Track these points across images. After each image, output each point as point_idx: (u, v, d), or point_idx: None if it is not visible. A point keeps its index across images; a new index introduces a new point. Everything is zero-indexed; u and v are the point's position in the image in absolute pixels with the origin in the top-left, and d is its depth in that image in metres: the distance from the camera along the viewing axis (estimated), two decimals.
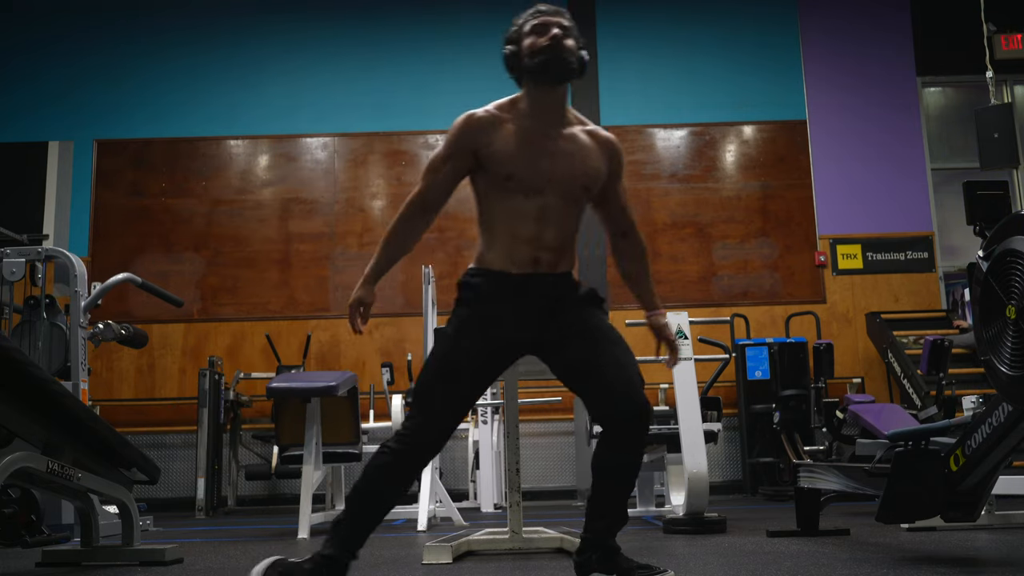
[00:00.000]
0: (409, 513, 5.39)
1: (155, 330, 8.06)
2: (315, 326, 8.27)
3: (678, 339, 2.73)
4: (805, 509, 3.87)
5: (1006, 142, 7.20)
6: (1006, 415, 2.62)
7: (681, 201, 8.65)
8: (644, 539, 4.02)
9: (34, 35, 8.89)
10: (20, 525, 3.20)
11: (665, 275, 8.47)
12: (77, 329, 4.95)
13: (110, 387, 8.17)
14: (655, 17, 9.00)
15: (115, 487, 3.38)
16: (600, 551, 2.44)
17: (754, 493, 7.56)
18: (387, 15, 8.97)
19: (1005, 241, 2.60)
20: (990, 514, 4.01)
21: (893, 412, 5.60)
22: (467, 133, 2.49)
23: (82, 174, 8.62)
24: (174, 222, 8.58)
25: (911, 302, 8.49)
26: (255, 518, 6.55)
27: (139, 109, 8.74)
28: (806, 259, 8.59)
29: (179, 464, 7.88)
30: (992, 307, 2.63)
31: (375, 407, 7.53)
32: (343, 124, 8.74)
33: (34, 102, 8.77)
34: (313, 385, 4.76)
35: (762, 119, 8.84)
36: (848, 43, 8.99)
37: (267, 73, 8.87)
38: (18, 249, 5.04)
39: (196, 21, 8.96)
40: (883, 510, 2.90)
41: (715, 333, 7.11)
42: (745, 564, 2.99)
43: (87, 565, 3.38)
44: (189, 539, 4.69)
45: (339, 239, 8.52)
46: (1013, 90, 9.10)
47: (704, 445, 4.28)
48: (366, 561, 3.41)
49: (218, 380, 7.19)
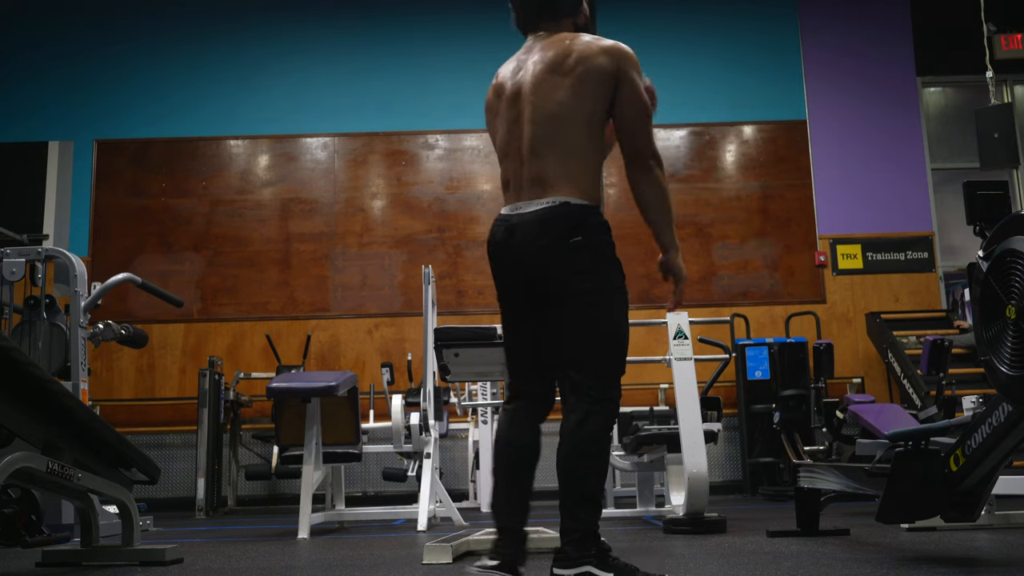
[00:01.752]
0: (409, 513, 5.39)
1: (155, 330, 8.06)
2: (315, 326, 8.27)
3: (678, 287, 2.62)
4: (805, 509, 3.87)
5: (1006, 142, 7.20)
6: (1006, 415, 2.62)
7: (681, 201, 8.64)
8: (644, 539, 4.02)
9: (34, 35, 8.89)
10: (20, 525, 3.20)
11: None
12: (77, 329, 4.95)
13: (110, 387, 8.17)
14: (655, 17, 9.00)
15: (115, 487, 3.39)
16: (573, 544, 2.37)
17: (754, 493, 7.56)
18: (387, 15, 8.97)
19: (1005, 241, 2.60)
20: (990, 514, 4.01)
21: (893, 412, 5.60)
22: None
23: (82, 174, 8.62)
24: (174, 222, 8.58)
25: (911, 302, 8.49)
26: (255, 518, 6.55)
27: (139, 109, 8.74)
28: (806, 259, 8.59)
29: (179, 464, 7.88)
30: (992, 307, 2.63)
31: (375, 407, 7.53)
32: (343, 124, 8.74)
33: (34, 102, 8.77)
34: (313, 385, 4.76)
35: (762, 119, 8.84)
36: (848, 43, 8.99)
37: (267, 73, 8.87)
38: (18, 249, 5.04)
39: (196, 21, 8.96)
40: (883, 510, 2.90)
41: (715, 333, 7.11)
42: (745, 564, 2.99)
43: (87, 565, 3.38)
44: (189, 539, 4.69)
45: (339, 239, 8.52)
46: (1013, 90, 9.10)
47: (704, 445, 4.28)
48: (366, 561, 3.41)
49: (218, 380, 7.19)
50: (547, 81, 2.49)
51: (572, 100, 2.46)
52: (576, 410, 2.39)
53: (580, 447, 2.37)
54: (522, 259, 2.47)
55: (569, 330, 2.42)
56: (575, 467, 2.37)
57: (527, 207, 2.46)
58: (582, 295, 2.41)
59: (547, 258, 2.42)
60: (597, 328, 2.42)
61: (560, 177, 2.45)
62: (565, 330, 2.43)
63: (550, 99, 2.47)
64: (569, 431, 2.38)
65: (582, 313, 2.42)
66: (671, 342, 4.57)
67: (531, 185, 2.48)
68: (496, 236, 2.54)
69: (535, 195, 2.47)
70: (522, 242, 2.45)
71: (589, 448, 2.38)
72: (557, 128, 2.46)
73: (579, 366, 2.41)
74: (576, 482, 2.37)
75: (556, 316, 2.44)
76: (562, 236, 2.40)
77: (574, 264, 2.41)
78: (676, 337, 4.57)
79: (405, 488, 7.14)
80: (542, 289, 2.46)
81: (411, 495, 6.84)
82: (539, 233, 2.43)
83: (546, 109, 2.47)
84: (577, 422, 2.37)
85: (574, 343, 2.42)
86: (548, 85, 2.48)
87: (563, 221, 2.41)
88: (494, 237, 2.54)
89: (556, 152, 2.46)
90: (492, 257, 2.57)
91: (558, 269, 2.42)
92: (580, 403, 2.39)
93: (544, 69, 2.51)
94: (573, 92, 2.46)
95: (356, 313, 8.29)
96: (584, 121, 2.46)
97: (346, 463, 5.40)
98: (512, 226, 2.48)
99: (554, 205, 2.43)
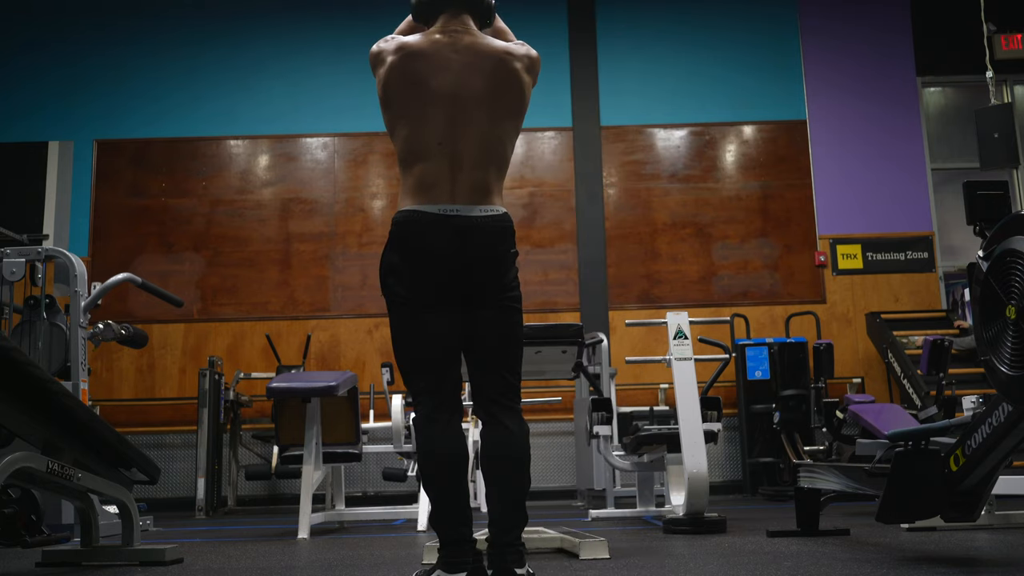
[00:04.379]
0: (409, 513, 5.39)
1: (155, 330, 8.06)
2: (315, 326, 8.27)
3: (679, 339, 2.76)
4: (805, 509, 3.87)
5: (1006, 142, 7.20)
6: (1006, 415, 2.62)
7: (681, 201, 8.64)
8: (644, 539, 4.02)
9: (34, 35, 8.89)
10: (20, 525, 3.20)
11: (665, 275, 8.47)
12: (77, 329, 4.95)
13: (110, 387, 8.17)
14: (655, 17, 9.00)
15: (115, 487, 3.39)
16: (507, 549, 2.44)
17: (754, 493, 7.56)
18: (387, 15, 8.91)
19: (1005, 241, 2.60)
20: (990, 514, 4.01)
21: (893, 412, 5.60)
22: None
23: (82, 174, 8.61)
24: (174, 222, 8.57)
25: (911, 302, 8.49)
26: (255, 518, 6.55)
27: (139, 109, 8.74)
28: (806, 259, 8.58)
29: (179, 464, 7.88)
30: (992, 307, 2.63)
31: (375, 407, 7.53)
32: (343, 124, 8.74)
33: (34, 102, 8.77)
34: (313, 385, 4.76)
35: (762, 119, 8.83)
36: (848, 43, 8.99)
37: (267, 73, 8.86)
38: (18, 249, 5.04)
39: (196, 21, 8.96)
40: (883, 510, 2.90)
41: (715, 333, 7.11)
42: (745, 564, 2.99)
43: (87, 565, 3.38)
44: (189, 539, 4.69)
45: (339, 239, 8.51)
46: (1013, 90, 9.10)
47: (704, 445, 4.29)
48: (366, 561, 3.41)
49: (218, 380, 7.19)
50: (488, 95, 2.56)
51: (512, 117, 2.62)
52: (514, 412, 2.52)
53: (527, 449, 2.52)
54: (472, 263, 2.48)
55: (504, 335, 2.54)
56: (525, 468, 2.51)
57: (469, 211, 2.48)
58: (513, 302, 2.56)
59: (497, 265, 2.51)
60: (520, 335, 2.60)
61: (497, 187, 2.57)
62: (500, 335, 2.53)
63: (495, 112, 2.57)
64: (522, 433, 2.51)
65: (513, 320, 2.55)
66: (671, 342, 4.57)
67: (471, 190, 2.51)
68: (435, 234, 2.46)
69: (476, 200, 2.51)
70: (479, 245, 2.48)
71: (528, 449, 2.53)
72: (498, 141, 2.57)
73: (512, 369, 2.55)
74: (526, 481, 2.51)
75: (490, 320, 2.51)
76: (509, 246, 2.55)
77: (510, 272, 2.55)
78: (676, 337, 4.57)
79: (405, 488, 7.14)
80: (478, 293, 2.51)
81: (411, 495, 6.84)
82: (496, 240, 2.51)
83: (491, 120, 2.56)
84: (519, 424, 2.52)
85: (508, 348, 2.54)
86: (490, 98, 2.56)
87: (509, 232, 2.55)
88: (431, 234, 2.46)
89: (495, 163, 2.57)
90: (425, 254, 2.47)
91: (502, 276, 2.52)
92: (514, 405, 2.53)
93: (484, 82, 2.56)
94: (511, 111, 2.61)
95: (356, 313, 8.29)
96: (515, 133, 2.63)
97: (346, 463, 5.40)
98: (463, 229, 2.47)
99: (499, 215, 2.53)
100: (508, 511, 2.46)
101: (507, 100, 2.59)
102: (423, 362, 2.51)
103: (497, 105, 2.57)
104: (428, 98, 2.54)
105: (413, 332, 2.50)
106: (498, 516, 2.46)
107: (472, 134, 2.53)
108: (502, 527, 2.45)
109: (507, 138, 2.61)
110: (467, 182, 2.50)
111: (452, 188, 2.50)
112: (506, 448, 2.48)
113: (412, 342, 2.51)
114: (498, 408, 2.51)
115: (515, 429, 2.50)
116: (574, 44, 8.87)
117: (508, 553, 2.42)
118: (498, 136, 2.57)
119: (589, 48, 8.87)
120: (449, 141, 2.52)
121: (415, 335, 2.50)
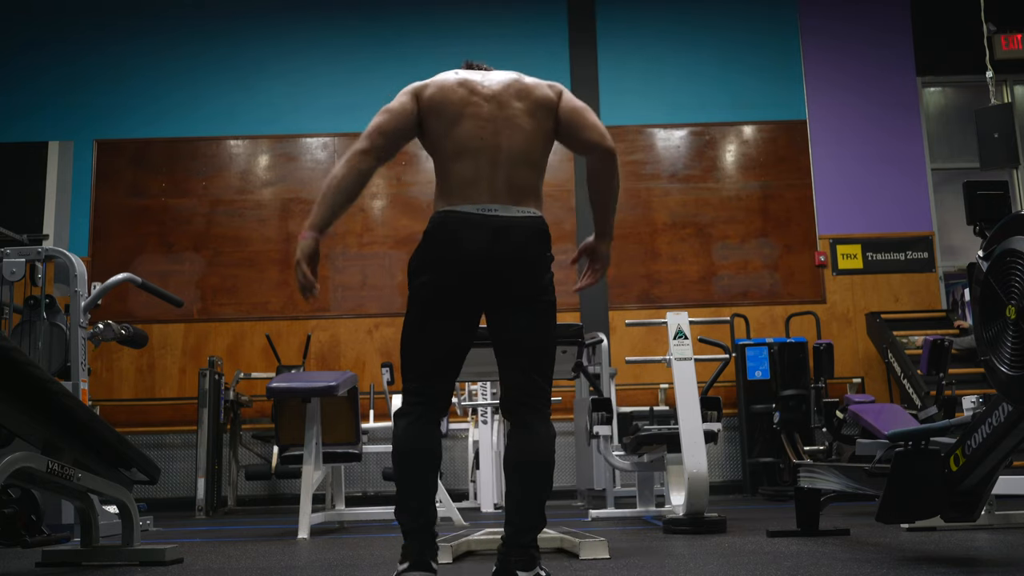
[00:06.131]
0: None
1: (155, 330, 8.06)
2: (315, 326, 8.27)
3: (602, 274, 2.74)
4: (805, 509, 3.87)
5: (1006, 142, 7.20)
6: (1006, 415, 2.62)
7: (681, 201, 8.65)
8: (644, 539, 4.02)
9: (34, 35, 8.89)
10: (20, 525, 3.20)
11: (665, 275, 8.47)
12: (77, 329, 4.95)
13: (110, 387, 8.17)
14: (655, 17, 9.00)
15: (115, 487, 3.39)
16: (518, 551, 2.45)
17: (754, 493, 7.56)
18: (387, 15, 8.96)
19: (1005, 241, 2.60)
20: (990, 514, 4.01)
21: (893, 412, 5.60)
22: None
23: (82, 174, 8.61)
24: (174, 222, 8.57)
25: (911, 302, 8.49)
26: (255, 518, 6.55)
27: (139, 109, 8.74)
28: (806, 259, 8.59)
29: (179, 464, 7.88)
30: (992, 307, 2.63)
31: (375, 407, 7.53)
32: (343, 124, 8.73)
33: (34, 102, 8.77)
34: (313, 385, 4.76)
35: (762, 119, 8.84)
36: (848, 43, 8.99)
37: (267, 73, 8.86)
38: (18, 249, 5.04)
39: (196, 21, 8.95)
40: (883, 510, 2.90)
41: (715, 333, 7.11)
42: (745, 564, 2.99)
43: (87, 565, 3.38)
44: (189, 539, 4.69)
45: (339, 239, 8.51)
46: (1013, 90, 9.10)
47: (704, 445, 4.28)
48: (366, 561, 3.41)
49: (218, 380, 7.19)
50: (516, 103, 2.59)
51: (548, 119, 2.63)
52: (542, 415, 2.51)
53: (552, 452, 2.50)
54: (505, 263, 2.46)
55: (537, 338, 2.52)
56: (550, 472, 2.50)
57: (506, 211, 2.48)
58: (548, 306, 2.54)
59: (530, 268, 2.50)
60: (553, 339, 2.58)
61: (535, 190, 2.56)
62: (533, 337, 2.51)
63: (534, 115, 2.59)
64: (549, 436, 2.50)
65: (547, 323, 2.54)
66: (671, 342, 4.57)
67: (508, 190, 2.50)
68: (470, 233, 2.45)
69: (514, 201, 2.50)
70: (514, 245, 2.46)
71: (553, 453, 2.52)
72: (532, 142, 2.57)
73: (543, 373, 2.52)
74: (549, 485, 2.49)
75: (523, 323, 2.50)
76: (545, 249, 2.53)
77: (545, 276, 2.53)
78: (676, 337, 4.57)
79: None
80: (510, 294, 2.49)
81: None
82: (531, 242, 2.49)
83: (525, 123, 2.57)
84: (547, 428, 2.50)
85: (540, 351, 2.53)
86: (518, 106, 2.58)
87: (545, 235, 2.54)
88: (466, 233, 2.46)
89: (530, 165, 2.56)
90: (456, 252, 2.46)
91: (537, 279, 2.51)
92: (543, 408, 2.52)
93: (512, 92, 2.60)
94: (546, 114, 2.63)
95: (356, 313, 8.29)
96: (552, 138, 2.64)
97: (346, 463, 5.40)
98: (498, 229, 2.45)
99: (536, 217, 2.52)
100: (526, 512, 2.46)
101: (542, 105, 2.62)
102: (424, 358, 2.50)
103: (535, 108, 2.61)
104: (467, 101, 2.58)
105: (424, 326, 2.50)
106: (515, 516, 2.46)
107: (510, 129, 2.55)
108: (518, 527, 2.45)
109: (545, 140, 2.62)
110: (504, 181, 2.51)
111: (493, 187, 2.50)
112: (532, 451, 2.47)
113: (420, 336, 2.50)
114: (527, 410, 2.50)
115: (542, 432, 2.48)
116: (574, 44, 8.87)
117: (516, 555, 2.42)
118: (538, 139, 2.60)
119: (589, 48, 8.87)
120: (490, 135, 2.54)
121: (425, 330, 2.49)
